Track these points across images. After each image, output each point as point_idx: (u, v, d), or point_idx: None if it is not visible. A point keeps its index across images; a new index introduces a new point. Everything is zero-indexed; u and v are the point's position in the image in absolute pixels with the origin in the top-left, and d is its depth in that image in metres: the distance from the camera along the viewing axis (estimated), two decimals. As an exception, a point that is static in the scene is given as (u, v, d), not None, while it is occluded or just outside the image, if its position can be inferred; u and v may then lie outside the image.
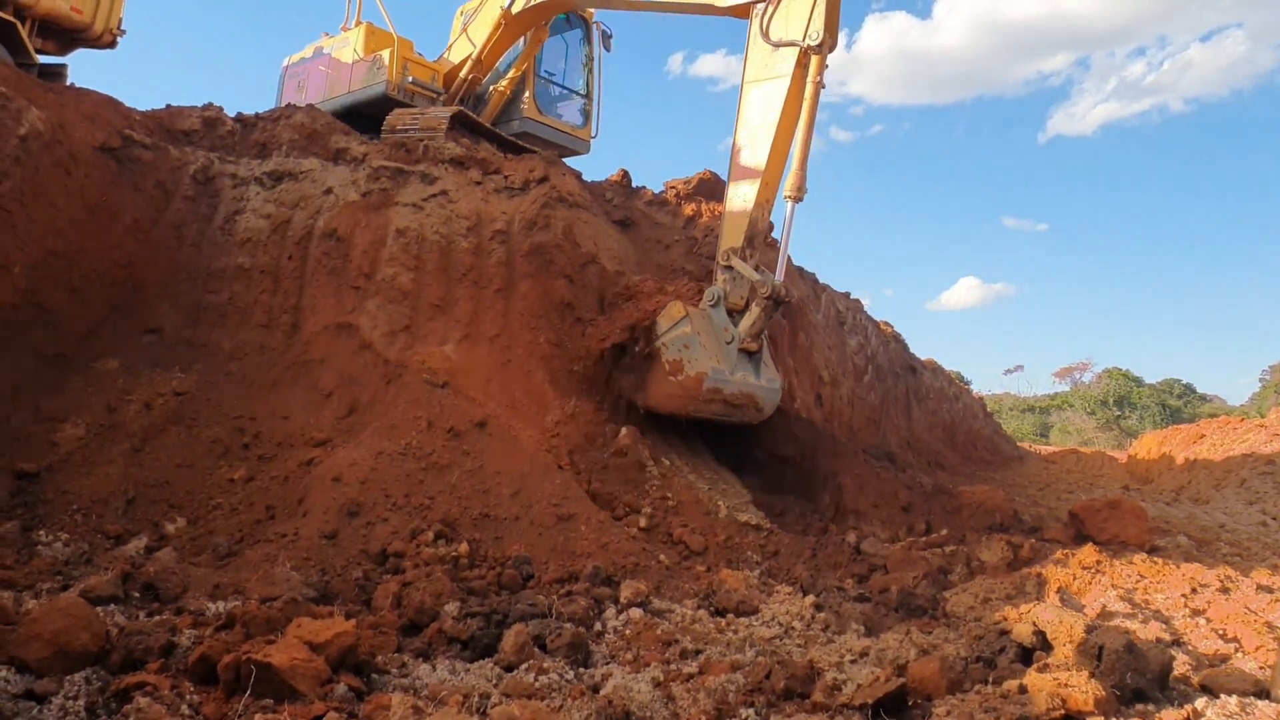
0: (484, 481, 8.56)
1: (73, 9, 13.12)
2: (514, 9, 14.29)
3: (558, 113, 16.05)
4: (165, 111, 11.83)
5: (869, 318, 17.05)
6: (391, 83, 14.74)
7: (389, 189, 11.14)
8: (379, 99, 14.77)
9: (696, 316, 10.26)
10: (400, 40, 15.34)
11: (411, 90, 14.89)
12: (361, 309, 10.24)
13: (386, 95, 14.68)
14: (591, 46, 16.21)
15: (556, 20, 15.76)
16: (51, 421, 8.56)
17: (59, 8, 12.96)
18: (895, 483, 11.06)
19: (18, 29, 12.33)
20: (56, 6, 12.91)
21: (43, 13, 12.81)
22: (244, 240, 10.58)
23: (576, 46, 16.28)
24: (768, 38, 10.24)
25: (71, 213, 9.56)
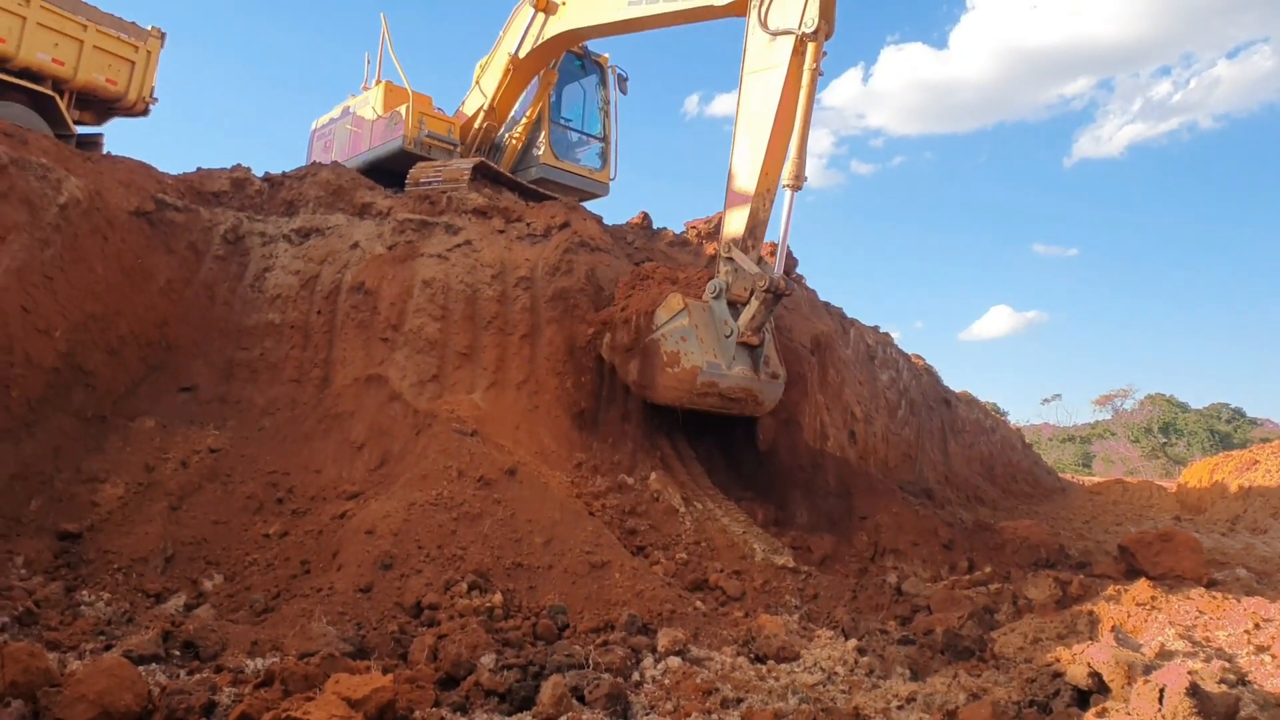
0: (516, 530, 8.51)
1: (108, 80, 13.59)
2: (520, 53, 14.57)
3: (575, 157, 16.23)
4: (195, 175, 12.11)
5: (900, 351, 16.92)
6: (408, 137, 15.09)
7: (414, 241, 11.28)
8: (397, 154, 15.14)
9: (695, 309, 10.29)
10: (416, 95, 15.70)
11: (428, 144, 15.19)
12: (390, 360, 10.32)
13: (404, 150, 15.04)
14: (607, 90, 16.45)
15: (571, 67, 16.00)
16: (92, 482, 8.67)
17: (95, 80, 13.43)
18: (934, 520, 10.88)
19: (57, 102, 12.80)
20: (92, 79, 13.39)
21: (80, 85, 13.29)
22: (274, 297, 10.73)
23: (593, 91, 16.52)
24: (766, 27, 10.30)
25: (109, 276, 9.76)
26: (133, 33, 13.96)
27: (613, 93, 16.42)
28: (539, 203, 13.02)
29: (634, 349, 10.49)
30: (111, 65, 13.68)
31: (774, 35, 10.19)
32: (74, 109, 13.50)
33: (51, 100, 12.96)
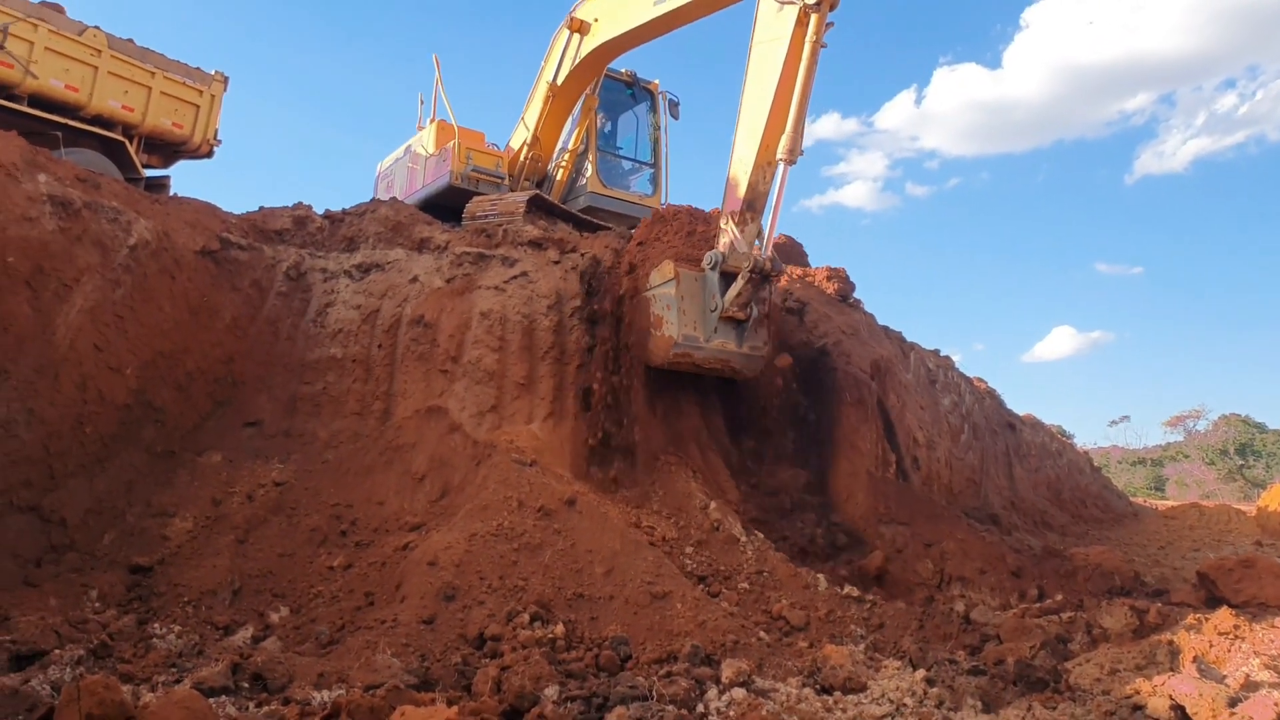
0: (576, 560, 8.48)
1: (174, 124, 14.06)
2: (558, 80, 14.77)
3: (625, 184, 16.27)
4: (258, 213, 12.42)
5: (961, 374, 16.61)
6: (454, 173, 15.40)
7: (471, 274, 11.40)
8: (445, 189, 15.45)
9: (685, 280, 10.47)
10: (463, 131, 16.03)
11: (475, 178, 15.48)
12: (450, 392, 10.41)
13: (451, 185, 15.34)
14: (658, 115, 16.49)
15: (621, 96, 16.10)
16: (162, 516, 8.86)
17: (162, 124, 13.91)
18: (1002, 546, 10.61)
19: (127, 147, 13.27)
20: (159, 123, 13.86)
21: (147, 130, 13.77)
22: (336, 331, 10.92)
23: (644, 117, 16.58)
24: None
25: (176, 314, 10.03)
26: (197, 78, 14.44)
27: (664, 118, 16.49)
28: (593, 233, 13.10)
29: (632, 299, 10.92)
30: (177, 110, 14.16)
31: (782, 5, 10.11)
32: (142, 153, 14.01)
33: (121, 145, 13.45)
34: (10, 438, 8.31)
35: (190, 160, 14.94)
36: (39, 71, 12.42)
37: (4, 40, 12.04)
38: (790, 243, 13.44)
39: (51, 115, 12.69)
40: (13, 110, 12.27)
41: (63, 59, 12.75)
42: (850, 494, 11.49)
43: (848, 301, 13.01)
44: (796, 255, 13.50)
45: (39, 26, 12.47)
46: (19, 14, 12.28)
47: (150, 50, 13.86)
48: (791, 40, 9.95)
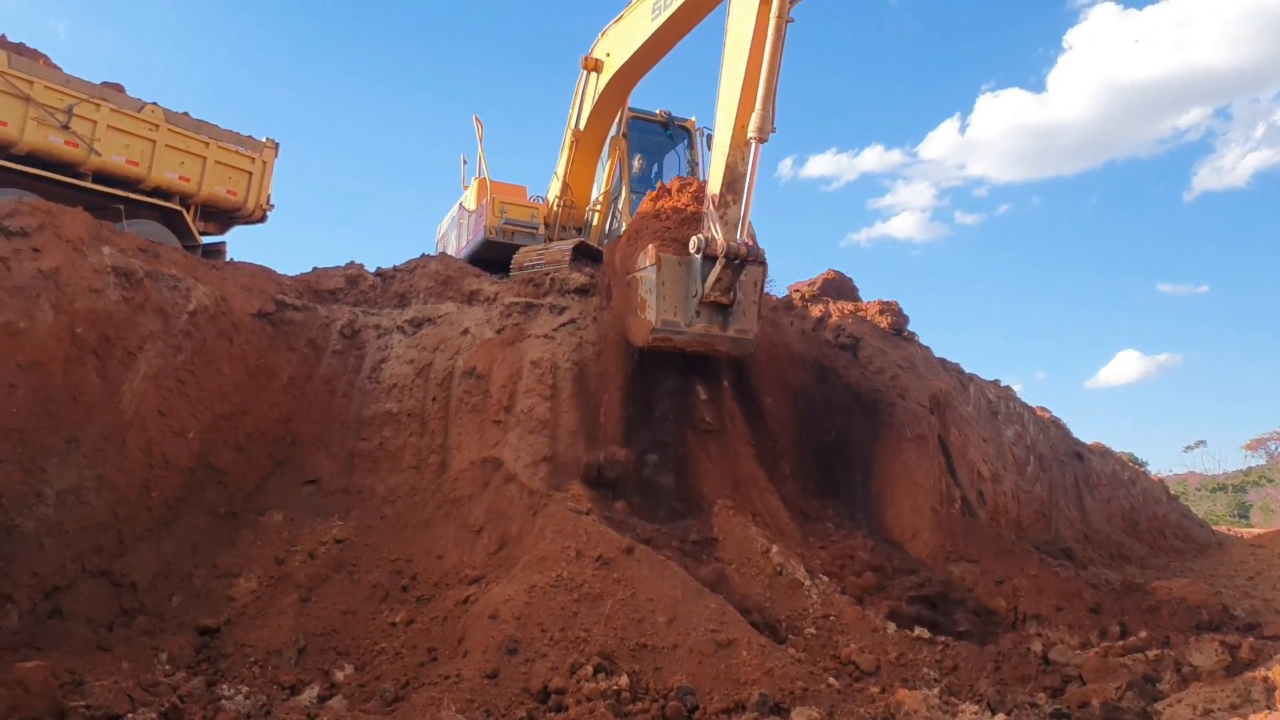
0: (638, 610, 8.36)
1: (228, 192, 14.47)
2: (580, 124, 14.95)
3: None
4: (312, 274, 12.68)
5: (1023, 404, 16.21)
6: (489, 227, 15.62)
7: (521, 323, 11.48)
8: (483, 244, 15.66)
9: (666, 265, 10.52)
10: (501, 186, 16.33)
11: (509, 230, 15.68)
12: (504, 442, 10.42)
13: (487, 239, 15.54)
14: (695, 150, 16.37)
15: (656, 135, 16.01)
16: (227, 577, 8.95)
17: (217, 192, 14.32)
18: (1078, 581, 10.24)
19: (184, 216, 13.68)
20: (215, 192, 14.28)
21: (203, 199, 14.19)
22: (390, 386, 11.03)
23: (683, 155, 16.48)
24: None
25: (235, 377, 10.22)
26: (249, 146, 14.86)
27: (701, 153, 16.41)
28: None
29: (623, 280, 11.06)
30: (231, 177, 14.56)
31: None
32: (199, 220, 14.41)
33: (179, 214, 13.86)
34: (81, 504, 8.50)
35: (245, 225, 15.34)
36: (102, 149, 12.88)
37: (69, 120, 12.53)
38: (840, 278, 13.32)
39: (114, 189, 13.13)
40: (78, 186, 12.73)
41: (123, 135, 13.22)
42: (915, 532, 11.22)
43: (902, 335, 12.81)
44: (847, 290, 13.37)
45: (101, 106, 12.95)
46: (83, 95, 12.78)
47: (204, 122, 14.31)
48: (758, 18, 10.01)
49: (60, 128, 12.47)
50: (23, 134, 12.15)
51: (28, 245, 9.32)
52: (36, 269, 9.12)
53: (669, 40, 13.18)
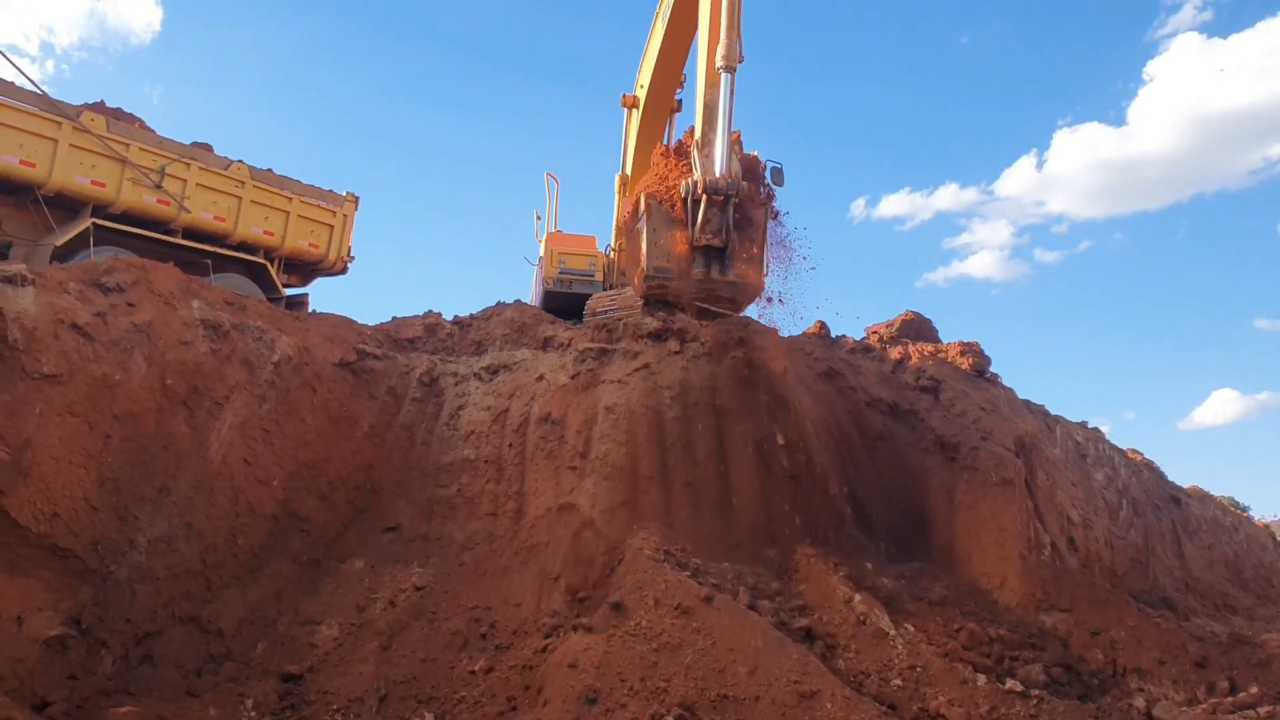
0: (718, 660, 8.18)
1: (310, 245, 14.93)
2: (626, 169, 15.03)
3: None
4: (392, 324, 12.93)
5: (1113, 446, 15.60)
6: (547, 278, 15.78)
7: (595, 369, 11.50)
8: (544, 294, 15.80)
9: (655, 212, 10.47)
10: (562, 237, 16.51)
11: (567, 280, 15.77)
12: (580, 488, 10.39)
13: (547, 290, 15.67)
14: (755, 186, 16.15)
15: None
16: (310, 624, 9.05)
17: (299, 246, 14.79)
18: (1181, 633, 9.72)
19: (268, 269, 14.14)
20: (297, 245, 14.75)
21: (287, 252, 14.66)
22: (468, 433, 11.12)
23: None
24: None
25: (318, 425, 10.43)
26: (330, 200, 15.34)
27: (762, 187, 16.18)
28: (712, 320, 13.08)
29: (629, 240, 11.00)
30: (313, 231, 15.04)
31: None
32: (282, 273, 14.89)
33: (264, 268, 14.34)
34: (172, 552, 8.71)
35: (327, 277, 15.77)
36: (191, 206, 13.43)
37: (162, 180, 13.09)
38: (918, 319, 13.08)
39: (202, 245, 13.66)
40: (169, 243, 13.26)
41: (211, 193, 13.78)
42: (1003, 579, 10.81)
43: (984, 376, 12.48)
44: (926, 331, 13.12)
45: (191, 165, 13.53)
46: (174, 155, 13.36)
47: (288, 178, 14.84)
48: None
49: (153, 187, 13.04)
50: (119, 194, 12.74)
51: (123, 300, 9.70)
52: (131, 323, 9.47)
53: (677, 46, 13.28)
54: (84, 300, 9.37)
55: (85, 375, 8.82)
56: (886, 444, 12.19)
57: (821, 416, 11.47)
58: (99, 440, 8.72)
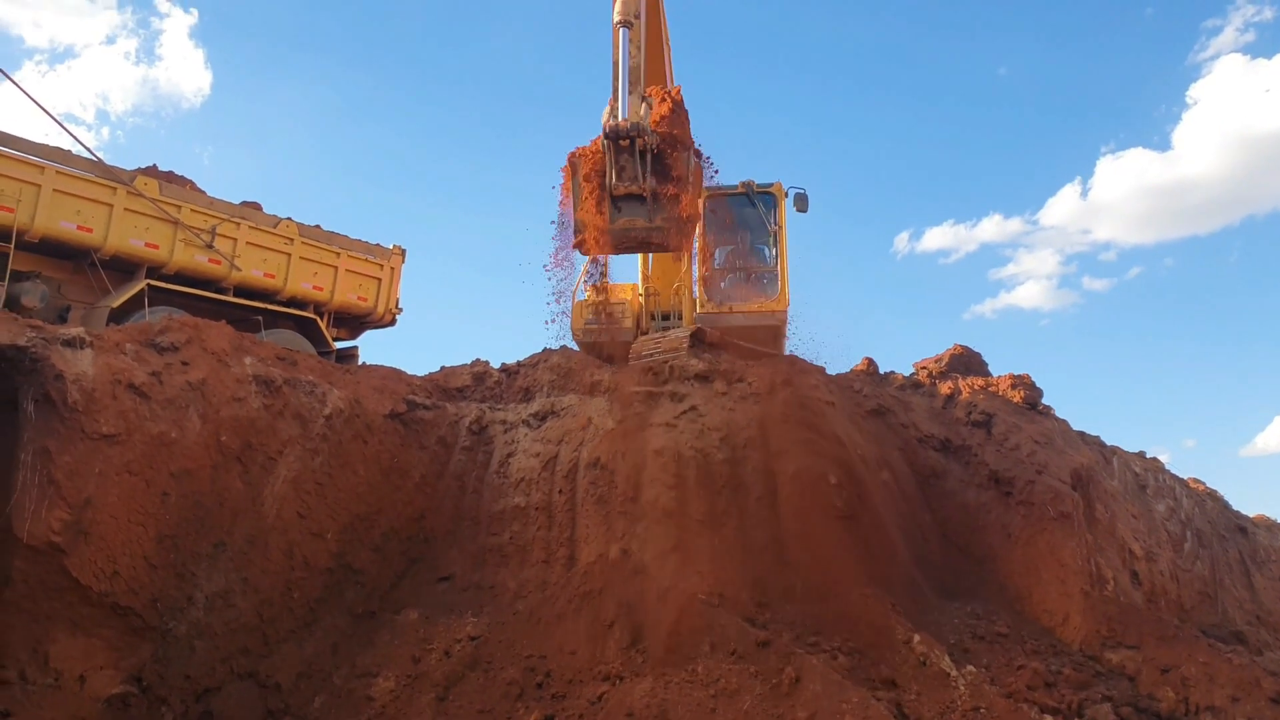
0: (777, 705, 8.08)
1: (359, 298, 15.18)
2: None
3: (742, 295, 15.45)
4: (440, 373, 13.04)
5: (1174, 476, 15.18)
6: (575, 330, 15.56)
7: (642, 412, 11.47)
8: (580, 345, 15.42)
9: (578, 170, 10.78)
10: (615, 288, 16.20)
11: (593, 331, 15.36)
12: (631, 533, 10.32)
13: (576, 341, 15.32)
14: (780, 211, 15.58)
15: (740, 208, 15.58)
16: (366, 676, 9.05)
17: (348, 299, 15.04)
18: (1254, 668, 9.40)
19: (318, 323, 14.38)
20: (346, 299, 15.00)
21: (336, 306, 14.92)
22: (518, 480, 11.13)
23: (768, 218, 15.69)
24: None
25: (370, 477, 10.51)
26: (378, 254, 15.61)
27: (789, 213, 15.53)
28: (758, 360, 13.03)
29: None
30: (361, 285, 15.30)
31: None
32: (332, 326, 15.12)
33: (313, 322, 14.58)
34: (229, 607, 8.79)
35: (375, 329, 15.99)
36: (242, 264, 13.74)
37: (213, 240, 13.42)
38: (967, 352, 12.91)
39: (253, 302, 13.94)
40: (221, 300, 13.55)
41: (261, 250, 14.09)
42: (1065, 616, 10.55)
43: (1037, 409, 12.25)
44: (975, 365, 12.95)
45: (241, 224, 13.86)
46: (225, 215, 13.71)
47: (336, 233, 15.14)
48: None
49: (205, 247, 13.37)
50: (173, 255, 13.08)
51: (178, 359, 9.90)
52: (186, 381, 9.66)
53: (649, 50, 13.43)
54: (140, 360, 9.58)
55: (142, 434, 8.99)
56: (940, 480, 12.01)
57: (873, 454, 11.32)
58: (157, 498, 8.86)
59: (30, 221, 11.83)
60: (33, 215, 11.85)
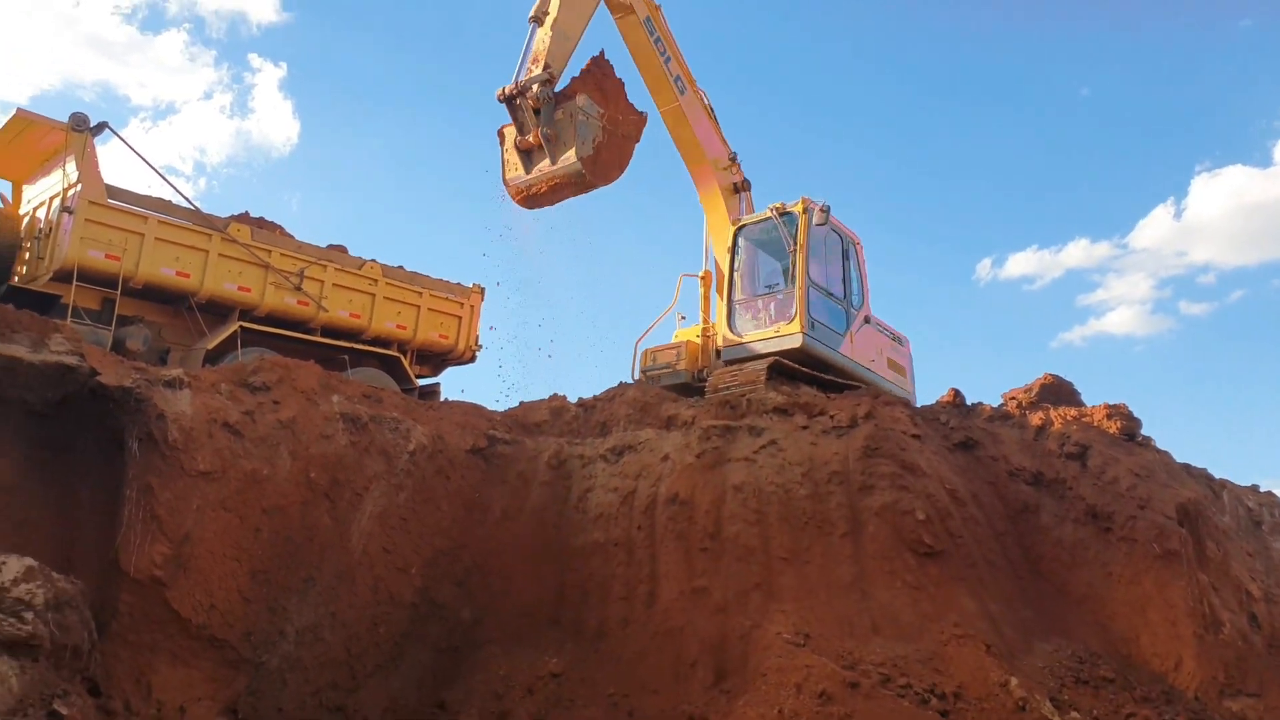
0: (868, 749, 7.80)
1: (440, 336, 15.49)
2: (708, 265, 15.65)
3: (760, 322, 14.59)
4: (519, 408, 13.17)
5: (1292, 512, 14.35)
6: (643, 370, 15.39)
7: (720, 446, 11.35)
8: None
9: (507, 136, 13.31)
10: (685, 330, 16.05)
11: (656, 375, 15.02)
12: (712, 571, 10.19)
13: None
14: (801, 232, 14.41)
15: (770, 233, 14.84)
16: (451, 713, 9.11)
17: (430, 337, 15.37)
18: (1389, 718, 8.75)
19: (401, 361, 14.73)
20: (428, 337, 15.33)
21: (418, 344, 15.27)
22: (596, 516, 11.09)
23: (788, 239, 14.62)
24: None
25: (453, 512, 10.62)
26: (458, 292, 15.93)
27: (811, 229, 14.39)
28: (839, 393, 12.83)
29: None
30: (443, 323, 15.61)
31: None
32: (414, 364, 15.45)
33: (397, 360, 14.92)
34: (318, 641, 8.93)
35: (456, 366, 16.27)
36: (329, 305, 14.15)
37: (301, 282, 13.86)
38: (1058, 381, 12.46)
39: (340, 341, 14.33)
40: (309, 341, 13.96)
41: (347, 291, 14.51)
42: (1177, 661, 10.01)
43: (1135, 440, 11.72)
44: (1067, 394, 12.48)
45: (328, 266, 14.30)
46: (312, 258, 14.17)
47: (418, 273, 15.53)
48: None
49: (294, 289, 13.82)
50: (263, 297, 13.55)
51: (269, 399, 10.21)
52: (277, 420, 9.94)
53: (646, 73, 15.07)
54: (234, 400, 9.91)
55: (236, 471, 9.28)
56: (1032, 515, 11.56)
57: (961, 488, 10.98)
58: (250, 533, 9.11)
59: (134, 268, 12.43)
60: (137, 262, 12.44)
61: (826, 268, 14.80)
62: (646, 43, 14.82)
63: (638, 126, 14.30)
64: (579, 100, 13.07)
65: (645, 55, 14.96)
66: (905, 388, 15.39)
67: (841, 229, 15.06)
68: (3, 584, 6.91)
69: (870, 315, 15.23)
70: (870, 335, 15.10)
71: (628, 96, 14.41)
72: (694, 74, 15.58)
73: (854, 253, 15.24)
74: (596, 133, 13.24)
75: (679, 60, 15.42)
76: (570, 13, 13.39)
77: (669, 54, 15.18)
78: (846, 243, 15.11)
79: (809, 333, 13.70)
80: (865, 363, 14.70)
